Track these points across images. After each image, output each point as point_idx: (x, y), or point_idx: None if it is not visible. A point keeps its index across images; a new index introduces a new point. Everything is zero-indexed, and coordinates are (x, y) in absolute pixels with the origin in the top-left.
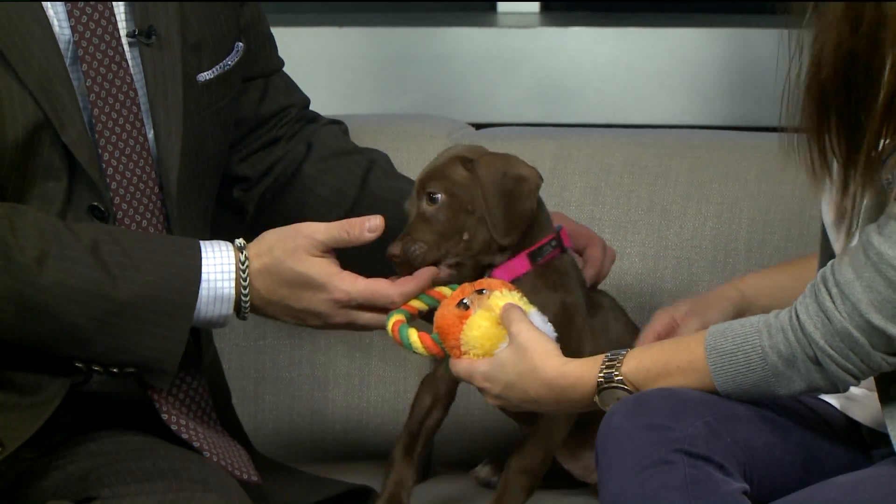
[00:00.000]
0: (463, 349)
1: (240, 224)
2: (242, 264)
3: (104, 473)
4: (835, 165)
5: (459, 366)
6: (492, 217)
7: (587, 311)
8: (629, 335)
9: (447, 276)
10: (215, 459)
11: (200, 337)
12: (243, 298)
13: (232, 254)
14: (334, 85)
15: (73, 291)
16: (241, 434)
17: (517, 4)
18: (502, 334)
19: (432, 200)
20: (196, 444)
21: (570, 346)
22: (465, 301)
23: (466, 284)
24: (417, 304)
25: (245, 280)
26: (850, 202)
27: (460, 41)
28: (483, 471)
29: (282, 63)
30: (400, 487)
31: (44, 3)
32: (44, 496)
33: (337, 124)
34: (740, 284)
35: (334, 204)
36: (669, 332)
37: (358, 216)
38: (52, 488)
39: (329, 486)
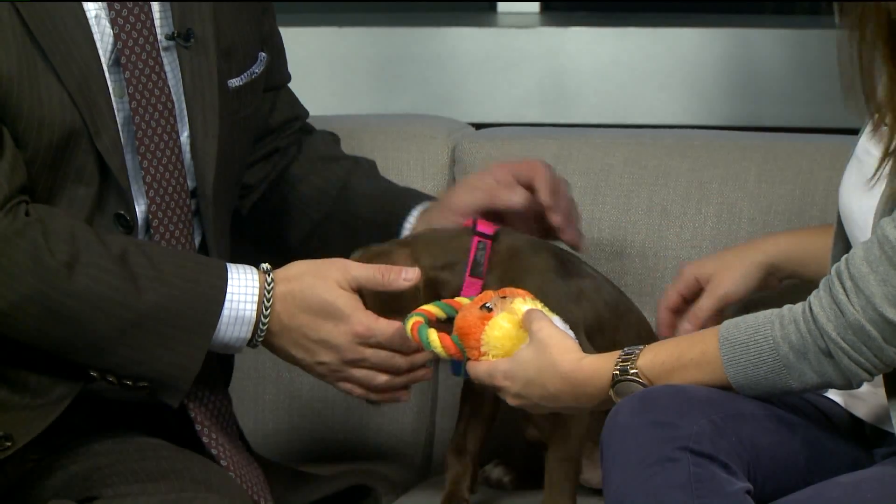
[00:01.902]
0: (483, 350)
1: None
2: (268, 285)
3: (106, 473)
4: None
5: (479, 367)
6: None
7: (565, 273)
8: (621, 294)
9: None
10: (239, 482)
11: (233, 359)
12: (263, 320)
13: (257, 277)
14: (334, 85)
15: (99, 299)
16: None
17: (517, 4)
18: (523, 336)
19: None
20: (224, 464)
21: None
22: (487, 305)
23: (489, 291)
24: (435, 311)
25: (268, 301)
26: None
27: (460, 41)
28: (495, 471)
29: (290, 77)
30: (457, 484)
31: (86, 6)
32: (46, 496)
33: (330, 135)
34: (768, 247)
35: (316, 201)
36: (693, 294)
37: (337, 215)
38: (54, 488)
39: (328, 483)
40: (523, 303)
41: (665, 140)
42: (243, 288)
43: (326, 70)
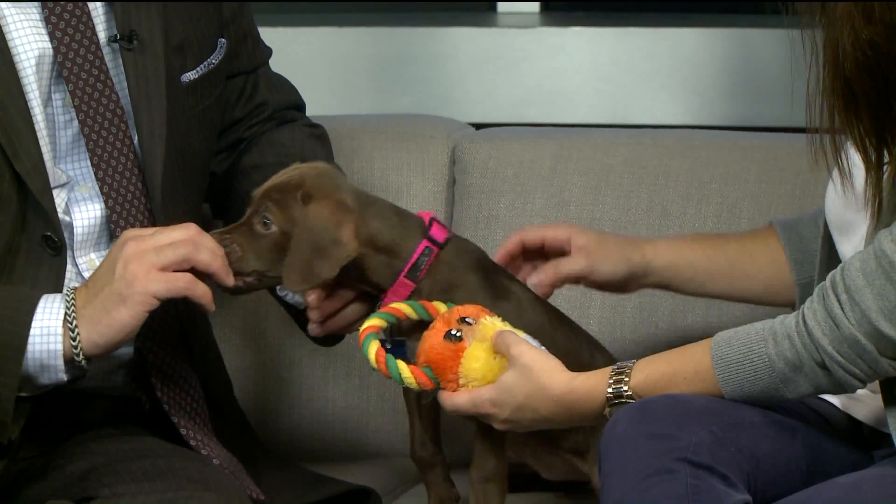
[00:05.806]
0: (461, 382)
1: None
2: (68, 294)
3: (103, 473)
4: (855, 158)
5: (459, 398)
6: (290, 261)
7: (494, 295)
8: (549, 321)
9: (242, 284)
10: (233, 478)
11: (193, 347)
12: (68, 308)
13: (60, 299)
14: (334, 85)
15: None
16: (245, 426)
17: (517, 4)
18: (501, 363)
19: (265, 224)
20: (216, 461)
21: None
22: (455, 333)
23: (446, 312)
24: (378, 322)
25: (70, 295)
26: (878, 187)
27: (460, 41)
28: None
29: (267, 56)
30: (441, 483)
31: (13, 25)
32: (43, 496)
33: (309, 129)
34: (648, 249)
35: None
36: (538, 247)
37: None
38: (51, 488)
39: (330, 485)
40: (488, 324)
41: (665, 140)
42: (47, 307)
43: (326, 70)
